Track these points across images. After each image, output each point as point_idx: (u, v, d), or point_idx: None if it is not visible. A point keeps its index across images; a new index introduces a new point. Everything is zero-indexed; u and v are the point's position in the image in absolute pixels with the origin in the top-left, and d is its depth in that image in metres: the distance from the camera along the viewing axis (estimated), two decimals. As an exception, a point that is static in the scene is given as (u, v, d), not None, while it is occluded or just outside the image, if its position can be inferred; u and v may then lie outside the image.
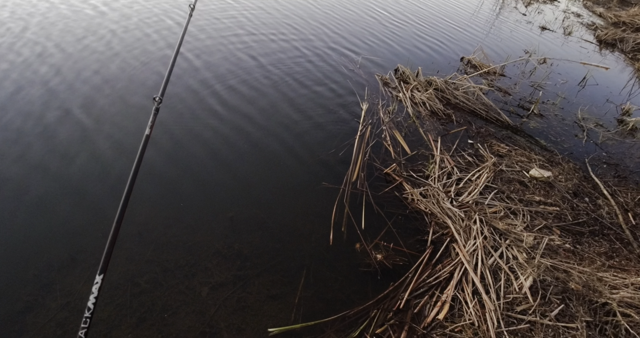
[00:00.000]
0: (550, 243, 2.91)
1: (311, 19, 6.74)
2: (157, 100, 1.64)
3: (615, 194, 3.71)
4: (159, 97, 1.65)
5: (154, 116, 1.59)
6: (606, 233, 3.18)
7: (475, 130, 4.35)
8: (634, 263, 2.84)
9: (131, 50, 4.64)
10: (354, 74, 5.08)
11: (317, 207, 2.96)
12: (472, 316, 2.29)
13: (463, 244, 2.76)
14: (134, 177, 1.38)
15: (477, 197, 3.28)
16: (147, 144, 1.50)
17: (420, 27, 7.42)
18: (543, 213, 3.26)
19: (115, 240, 1.27)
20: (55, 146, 3.09)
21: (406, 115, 4.38)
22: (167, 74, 1.81)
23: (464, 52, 6.48)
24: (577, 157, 4.29)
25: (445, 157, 3.74)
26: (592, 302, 2.41)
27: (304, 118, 3.95)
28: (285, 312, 2.25)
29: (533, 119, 4.90)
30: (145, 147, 1.48)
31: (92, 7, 5.64)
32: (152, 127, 1.56)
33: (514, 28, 8.70)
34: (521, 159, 3.96)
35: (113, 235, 1.27)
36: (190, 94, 4.01)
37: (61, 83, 3.85)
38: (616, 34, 8.97)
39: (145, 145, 1.48)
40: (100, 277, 1.20)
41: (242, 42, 5.37)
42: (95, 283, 1.19)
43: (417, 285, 2.47)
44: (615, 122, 5.29)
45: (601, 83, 6.43)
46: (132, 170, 1.40)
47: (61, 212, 2.61)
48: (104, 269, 1.21)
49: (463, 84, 5.02)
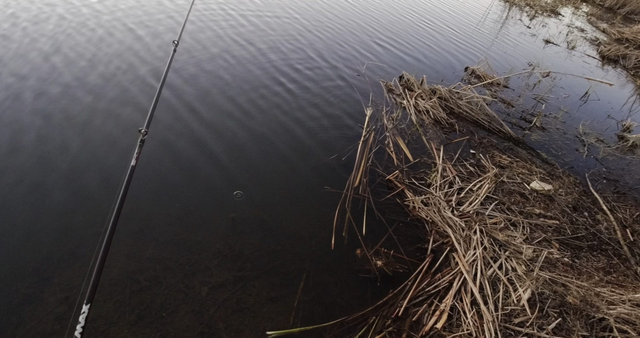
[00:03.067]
0: (549, 256, 2.92)
1: (316, 26, 6.77)
2: (143, 131, 1.65)
3: (614, 210, 3.74)
4: (144, 129, 1.67)
5: (140, 148, 1.61)
6: (604, 249, 3.20)
7: (477, 141, 4.37)
8: (631, 279, 2.86)
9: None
10: (358, 79, 5.11)
11: (319, 211, 2.97)
12: (470, 326, 2.29)
13: (463, 254, 2.77)
14: (120, 208, 1.38)
15: (478, 207, 3.29)
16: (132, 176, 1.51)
17: (425, 35, 7.46)
18: (543, 226, 3.28)
19: (102, 268, 1.24)
20: (54, 138, 3.09)
21: (409, 123, 4.40)
22: (152, 106, 1.84)
23: (468, 62, 6.53)
24: (578, 172, 4.32)
25: (448, 166, 3.76)
26: (589, 316, 2.42)
27: (307, 122, 3.96)
28: (284, 315, 2.24)
29: (535, 131, 4.94)
30: (131, 177, 1.49)
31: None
32: (138, 159, 1.57)
33: (518, 40, 8.77)
34: (522, 171, 3.98)
35: (100, 264, 1.24)
36: (194, 97, 4.02)
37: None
38: (619, 50, 9.05)
39: (131, 176, 1.49)
40: (87, 307, 1.17)
41: (245, 46, 5.39)
42: (82, 313, 1.15)
43: (416, 293, 2.48)
44: (616, 137, 5.34)
45: (603, 98, 6.48)
46: (118, 202, 1.40)
47: (61, 206, 2.61)
48: (90, 298, 1.18)
49: (467, 93, 5.05)
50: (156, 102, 1.93)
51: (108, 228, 1.31)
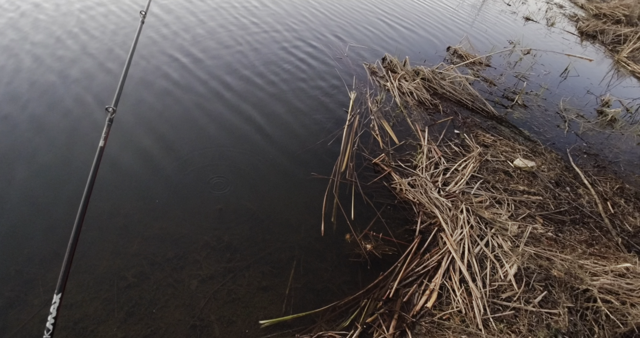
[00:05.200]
0: (534, 231, 2.99)
1: (296, 10, 6.60)
2: (111, 110, 1.57)
3: (595, 184, 3.83)
4: (112, 107, 1.58)
5: (108, 127, 1.53)
6: (586, 222, 3.29)
7: (461, 120, 4.39)
8: (613, 251, 2.95)
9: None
10: (341, 62, 5.03)
11: (307, 198, 2.95)
12: (460, 304, 2.34)
13: (450, 233, 2.81)
14: (89, 192, 1.32)
15: (464, 186, 3.33)
16: (102, 157, 1.44)
17: (407, 16, 7.37)
18: (527, 202, 3.34)
19: (72, 258, 1.20)
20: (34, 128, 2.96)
21: (394, 105, 4.38)
22: (120, 83, 1.73)
23: (450, 42, 6.49)
24: (559, 147, 4.39)
25: (433, 147, 3.77)
26: (574, 288, 2.49)
27: (291, 108, 3.89)
28: (276, 303, 2.24)
29: (517, 109, 4.98)
30: (100, 160, 1.42)
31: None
32: (107, 139, 1.49)
33: (498, 18, 8.75)
34: (506, 149, 4.03)
35: (69, 253, 1.19)
36: (180, 85, 3.89)
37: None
38: (597, 26, 9.13)
39: (99, 158, 1.41)
40: (58, 297, 1.12)
41: (225, 32, 5.22)
42: (53, 303, 1.11)
43: (406, 275, 2.51)
44: (596, 113, 5.43)
45: (582, 74, 6.56)
46: (87, 183, 1.33)
47: (41, 205, 2.52)
48: (61, 288, 1.14)
49: (450, 73, 5.04)
50: (124, 77, 1.80)
51: (78, 212, 1.25)
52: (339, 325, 2.18)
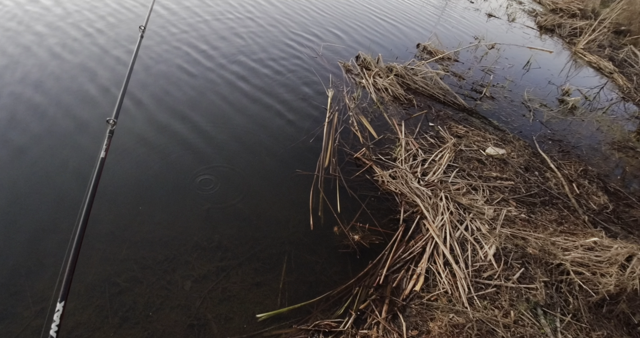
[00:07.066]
0: (508, 214, 3.17)
1: (267, 12, 6.64)
2: (112, 122, 1.61)
3: (561, 167, 4.09)
4: (112, 119, 1.62)
5: (109, 139, 1.57)
6: (555, 203, 3.51)
7: (435, 113, 4.56)
8: (581, 227, 3.18)
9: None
10: (316, 62, 5.11)
11: (293, 194, 3.01)
12: (445, 285, 2.47)
13: (432, 220, 2.94)
14: (91, 202, 1.35)
15: (442, 175, 3.48)
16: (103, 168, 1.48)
17: (376, 14, 7.55)
18: (500, 187, 3.53)
19: (75, 264, 1.22)
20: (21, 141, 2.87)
21: (370, 101, 4.50)
22: (120, 96, 1.77)
23: (419, 39, 6.71)
24: (526, 135, 4.65)
25: (410, 139, 3.91)
26: (548, 263, 2.68)
27: (270, 108, 3.94)
28: (271, 297, 2.29)
29: (486, 101, 5.22)
30: (101, 170, 1.45)
31: None
32: (107, 150, 1.53)
33: (463, 15, 9.10)
34: (478, 139, 4.23)
35: (73, 259, 1.22)
36: (163, 88, 3.85)
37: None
38: (554, 20, 9.66)
39: (101, 169, 1.45)
40: (61, 305, 1.15)
41: (197, 37, 5.20)
42: (56, 311, 1.13)
43: (394, 261, 2.61)
44: (557, 102, 5.77)
45: (543, 66, 6.94)
46: (89, 194, 1.35)
47: (23, 215, 2.45)
48: (64, 296, 1.16)
49: (421, 69, 5.22)
50: (124, 90, 1.83)
51: (80, 221, 1.27)
52: (334, 314, 2.25)
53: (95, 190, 1.37)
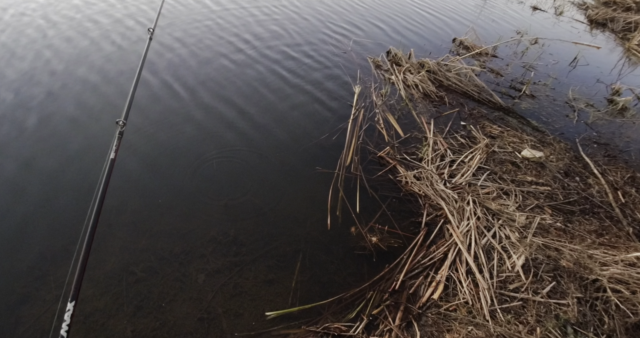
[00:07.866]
0: (542, 222, 2.95)
1: (297, 6, 6.58)
2: (121, 123, 1.62)
3: (605, 173, 3.76)
4: (122, 120, 1.63)
5: (119, 140, 1.58)
6: (596, 212, 3.23)
7: (467, 112, 4.34)
8: (623, 240, 2.90)
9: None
10: (345, 57, 5.01)
11: (312, 192, 2.96)
12: (466, 295, 2.33)
13: (457, 225, 2.79)
14: (101, 203, 1.36)
15: (470, 178, 3.30)
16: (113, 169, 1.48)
17: (412, 8, 7.29)
18: (535, 193, 3.30)
19: (85, 265, 1.24)
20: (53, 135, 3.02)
21: (399, 98, 4.35)
22: (129, 97, 1.79)
23: (456, 33, 6.41)
24: (568, 137, 4.32)
25: (439, 139, 3.74)
26: (583, 278, 2.46)
27: (295, 103, 3.90)
28: (283, 296, 2.26)
29: (525, 99, 4.90)
30: (112, 170, 1.46)
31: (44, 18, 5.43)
32: (117, 151, 1.54)
33: (505, 8, 8.60)
34: (513, 140, 3.98)
35: (83, 260, 1.23)
36: (187, 86, 3.92)
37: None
38: (607, 14, 8.92)
39: (111, 169, 1.46)
40: (72, 305, 1.16)
41: (230, 29, 5.24)
42: (67, 310, 1.14)
43: (412, 266, 2.50)
44: (606, 101, 5.32)
45: (592, 63, 6.42)
46: (98, 196, 1.37)
47: (52, 204, 2.57)
48: (75, 296, 1.17)
49: (455, 65, 4.98)
50: (134, 92, 1.87)
51: (90, 224, 1.29)
52: (345, 317, 2.19)
53: (105, 190, 1.39)
